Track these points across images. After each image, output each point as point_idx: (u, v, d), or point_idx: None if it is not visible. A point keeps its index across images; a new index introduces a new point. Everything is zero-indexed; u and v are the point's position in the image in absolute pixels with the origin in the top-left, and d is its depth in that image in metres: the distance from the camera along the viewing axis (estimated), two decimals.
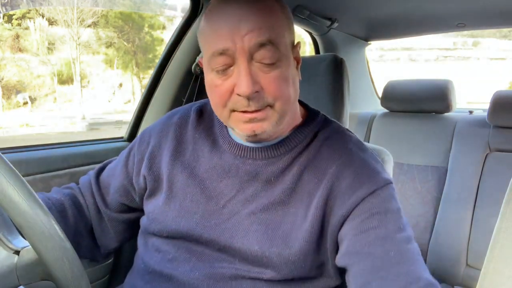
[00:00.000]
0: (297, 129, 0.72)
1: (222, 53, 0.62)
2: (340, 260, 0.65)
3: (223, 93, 0.64)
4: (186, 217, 0.70)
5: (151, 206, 0.76)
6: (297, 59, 0.70)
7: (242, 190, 0.69)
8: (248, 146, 0.71)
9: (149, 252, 0.75)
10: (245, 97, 0.61)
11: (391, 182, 0.67)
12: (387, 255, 0.60)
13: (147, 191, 0.77)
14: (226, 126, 0.75)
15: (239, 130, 0.66)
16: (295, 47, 0.69)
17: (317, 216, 0.65)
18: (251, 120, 0.64)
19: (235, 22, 0.61)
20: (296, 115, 0.73)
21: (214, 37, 0.63)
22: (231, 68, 0.63)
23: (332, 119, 0.78)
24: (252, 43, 0.61)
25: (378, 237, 0.61)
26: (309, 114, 0.75)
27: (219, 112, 0.67)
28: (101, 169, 0.86)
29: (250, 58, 0.62)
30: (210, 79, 0.66)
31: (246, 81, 0.61)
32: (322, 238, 0.66)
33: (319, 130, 0.73)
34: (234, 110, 0.64)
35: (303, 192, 0.67)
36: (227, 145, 0.73)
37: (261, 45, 0.61)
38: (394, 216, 0.64)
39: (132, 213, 0.83)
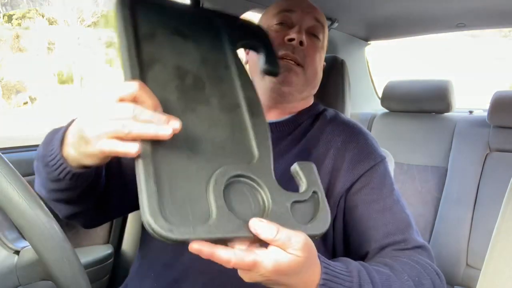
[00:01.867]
0: (302, 110, 0.83)
1: (288, 11, 0.81)
2: (337, 227, 0.73)
3: (274, 38, 0.76)
4: None
5: None
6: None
7: None
8: None
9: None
10: (296, 42, 0.76)
11: (385, 158, 0.76)
12: (385, 226, 0.68)
13: None
14: None
15: None
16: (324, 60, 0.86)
17: (323, 183, 0.70)
18: (286, 68, 0.76)
19: (304, 1, 0.84)
20: (309, 99, 0.85)
21: (284, 2, 0.83)
22: (286, 28, 0.79)
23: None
24: (311, 15, 0.81)
25: (378, 210, 0.70)
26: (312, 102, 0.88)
27: None
28: None
29: (306, 26, 0.80)
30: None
31: (299, 30, 0.78)
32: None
33: (320, 113, 0.83)
34: None
35: (310, 161, 0.72)
36: None
37: (316, 20, 0.82)
38: (388, 189, 0.72)
39: None
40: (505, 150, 1.56)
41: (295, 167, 0.53)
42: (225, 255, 0.44)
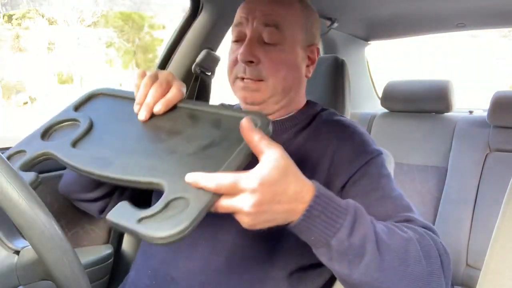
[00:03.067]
0: (300, 110, 0.82)
1: (238, 25, 0.76)
2: None
3: (232, 59, 0.77)
4: None
5: None
6: (311, 59, 0.82)
7: None
8: None
9: None
10: (242, 62, 0.74)
11: (382, 153, 0.76)
12: (386, 211, 0.68)
13: None
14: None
15: (238, 96, 0.78)
16: (310, 47, 0.81)
17: (321, 182, 0.69)
18: (245, 88, 0.75)
19: (256, 4, 0.76)
20: (300, 101, 0.83)
21: (238, 13, 0.78)
22: (241, 46, 0.75)
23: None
24: (259, 21, 0.74)
25: (377, 198, 0.69)
26: (310, 103, 0.86)
27: (229, 79, 0.80)
28: None
29: (258, 35, 0.74)
30: (229, 49, 0.80)
31: (244, 49, 0.73)
32: None
33: (318, 113, 0.83)
34: (236, 77, 0.76)
35: (307, 161, 0.74)
36: None
37: (266, 25, 0.74)
38: (386, 179, 0.72)
39: None
40: (505, 150, 1.56)
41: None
42: (206, 181, 0.48)
